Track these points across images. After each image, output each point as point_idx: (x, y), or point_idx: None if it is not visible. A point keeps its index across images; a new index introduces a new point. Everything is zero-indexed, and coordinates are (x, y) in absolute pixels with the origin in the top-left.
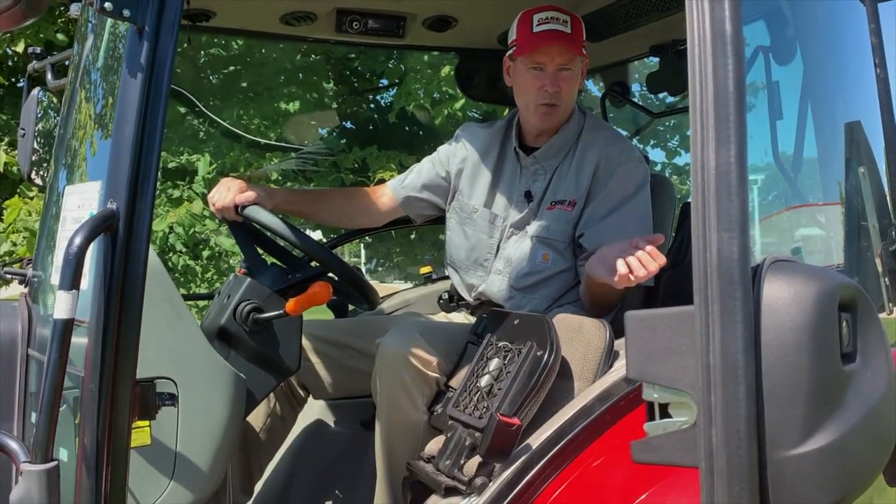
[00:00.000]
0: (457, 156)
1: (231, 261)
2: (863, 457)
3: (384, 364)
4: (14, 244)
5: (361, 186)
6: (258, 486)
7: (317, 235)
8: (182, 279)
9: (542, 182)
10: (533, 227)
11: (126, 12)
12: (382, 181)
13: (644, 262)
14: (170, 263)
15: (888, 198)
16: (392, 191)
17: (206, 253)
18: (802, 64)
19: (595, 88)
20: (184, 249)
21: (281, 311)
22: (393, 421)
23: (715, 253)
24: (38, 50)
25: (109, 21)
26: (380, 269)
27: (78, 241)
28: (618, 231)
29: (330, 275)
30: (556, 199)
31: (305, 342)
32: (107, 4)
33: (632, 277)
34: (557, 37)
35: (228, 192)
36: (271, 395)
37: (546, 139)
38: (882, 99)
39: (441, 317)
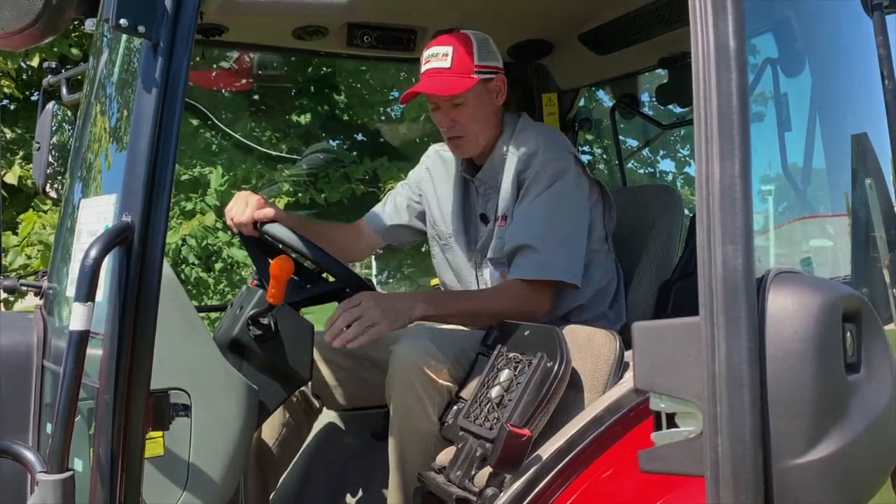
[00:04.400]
0: (425, 182)
1: (243, 272)
2: (867, 466)
3: (397, 370)
4: (29, 257)
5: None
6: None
7: None
8: (195, 291)
9: (493, 202)
10: (490, 249)
11: (141, 28)
12: None
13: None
14: (182, 275)
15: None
16: (371, 223)
17: (218, 265)
18: (810, 76)
19: (606, 99)
20: (196, 261)
21: (266, 306)
22: (405, 428)
23: (720, 265)
24: (53, 64)
25: (124, 36)
26: (391, 280)
27: (93, 253)
28: (525, 227)
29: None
30: (499, 216)
31: (318, 353)
32: (122, 21)
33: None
34: (434, 75)
35: (247, 206)
36: (287, 405)
37: (485, 159)
38: (889, 110)
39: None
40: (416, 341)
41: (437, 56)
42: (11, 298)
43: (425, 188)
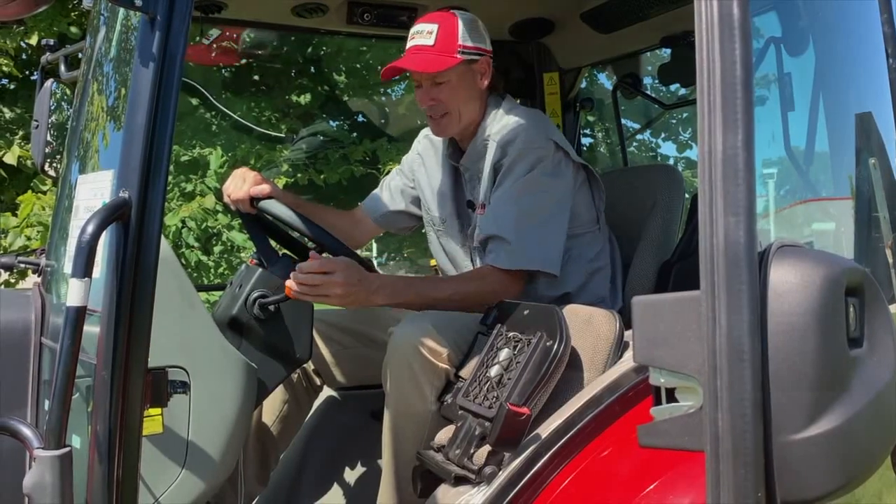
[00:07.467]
0: (417, 168)
1: (243, 255)
2: (868, 442)
3: (395, 354)
4: (28, 238)
5: (359, 196)
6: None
7: None
8: (195, 274)
9: (478, 188)
10: (473, 237)
11: (137, 1)
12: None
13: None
14: (182, 258)
15: None
16: (368, 211)
17: (218, 248)
18: (815, 55)
19: (607, 81)
20: (196, 244)
21: (283, 295)
22: (401, 411)
23: (721, 237)
24: (52, 42)
25: (122, 12)
26: (391, 262)
27: (90, 228)
28: (498, 216)
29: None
30: (481, 203)
31: (319, 329)
32: None
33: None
34: (417, 52)
35: (244, 183)
36: (288, 382)
37: (468, 144)
38: (894, 89)
39: None
40: (416, 325)
41: (422, 34)
42: (12, 280)
43: (418, 174)
